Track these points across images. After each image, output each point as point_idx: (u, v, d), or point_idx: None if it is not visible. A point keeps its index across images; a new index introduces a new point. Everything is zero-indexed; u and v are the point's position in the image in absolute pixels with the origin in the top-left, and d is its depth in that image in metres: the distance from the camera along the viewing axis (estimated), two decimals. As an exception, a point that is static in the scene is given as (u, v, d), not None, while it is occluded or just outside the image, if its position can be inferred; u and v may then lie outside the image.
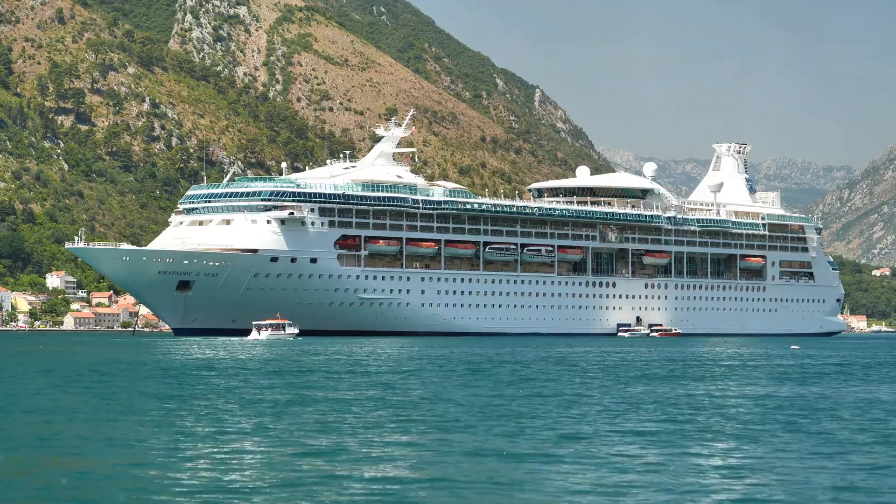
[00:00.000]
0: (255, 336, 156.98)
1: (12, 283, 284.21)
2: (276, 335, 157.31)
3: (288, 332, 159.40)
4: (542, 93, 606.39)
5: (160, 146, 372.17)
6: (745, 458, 35.77)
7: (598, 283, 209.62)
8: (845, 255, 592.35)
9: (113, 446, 36.66)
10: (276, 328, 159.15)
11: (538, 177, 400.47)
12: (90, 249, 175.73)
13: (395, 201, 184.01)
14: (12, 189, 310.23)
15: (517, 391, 61.38)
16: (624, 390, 63.34)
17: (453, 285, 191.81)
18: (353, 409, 50.38)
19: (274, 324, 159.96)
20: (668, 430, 42.68)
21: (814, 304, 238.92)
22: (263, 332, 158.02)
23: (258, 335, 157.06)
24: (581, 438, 39.77)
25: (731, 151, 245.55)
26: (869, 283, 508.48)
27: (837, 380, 76.58)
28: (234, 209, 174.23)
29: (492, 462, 33.93)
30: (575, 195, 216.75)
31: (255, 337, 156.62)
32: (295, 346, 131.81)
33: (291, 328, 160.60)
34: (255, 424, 43.51)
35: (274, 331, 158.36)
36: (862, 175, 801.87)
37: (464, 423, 43.86)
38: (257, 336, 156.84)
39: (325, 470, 32.18)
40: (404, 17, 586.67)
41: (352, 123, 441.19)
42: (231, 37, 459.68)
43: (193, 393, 58.31)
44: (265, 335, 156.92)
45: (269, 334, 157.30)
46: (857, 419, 48.02)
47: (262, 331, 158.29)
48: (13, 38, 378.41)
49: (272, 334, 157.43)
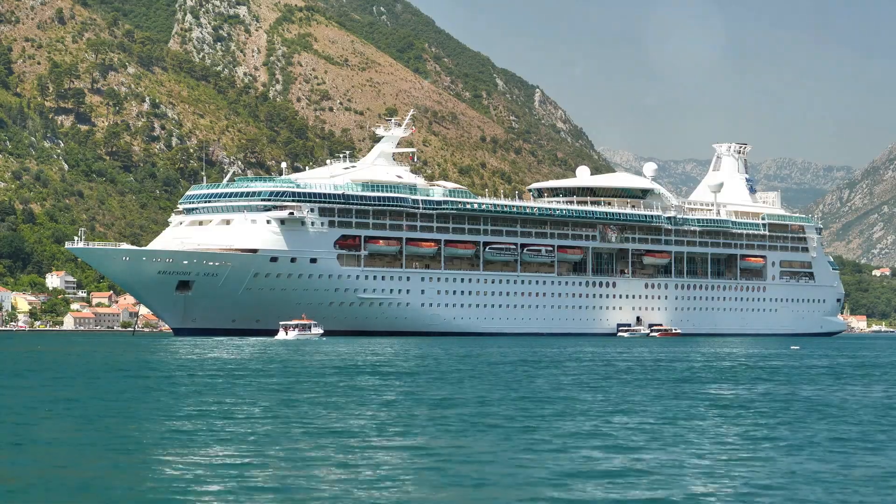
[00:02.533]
0: (283, 336, 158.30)
1: (12, 283, 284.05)
2: (303, 335, 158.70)
3: (314, 332, 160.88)
4: (542, 93, 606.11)
5: (160, 146, 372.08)
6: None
7: (598, 283, 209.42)
8: (845, 255, 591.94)
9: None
10: (303, 328, 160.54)
11: (538, 177, 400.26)
12: (90, 249, 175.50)
13: (395, 201, 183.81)
14: (12, 189, 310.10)
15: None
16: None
17: (453, 285, 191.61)
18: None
19: (300, 324, 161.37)
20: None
21: (814, 304, 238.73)
22: (291, 332, 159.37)
23: (286, 335, 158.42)
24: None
25: (731, 151, 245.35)
26: (869, 283, 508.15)
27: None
28: (234, 209, 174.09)
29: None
30: (575, 195, 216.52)
31: (282, 337, 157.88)
32: (346, 345, 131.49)
33: (317, 328, 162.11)
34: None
35: (301, 331, 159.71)
36: (862, 175, 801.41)
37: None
38: (285, 336, 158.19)
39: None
40: (404, 17, 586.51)
41: (352, 123, 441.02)
42: (231, 37, 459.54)
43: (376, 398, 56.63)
44: (292, 335, 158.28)
45: (296, 334, 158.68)
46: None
47: (289, 331, 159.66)
48: (13, 38, 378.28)
49: (299, 334, 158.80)
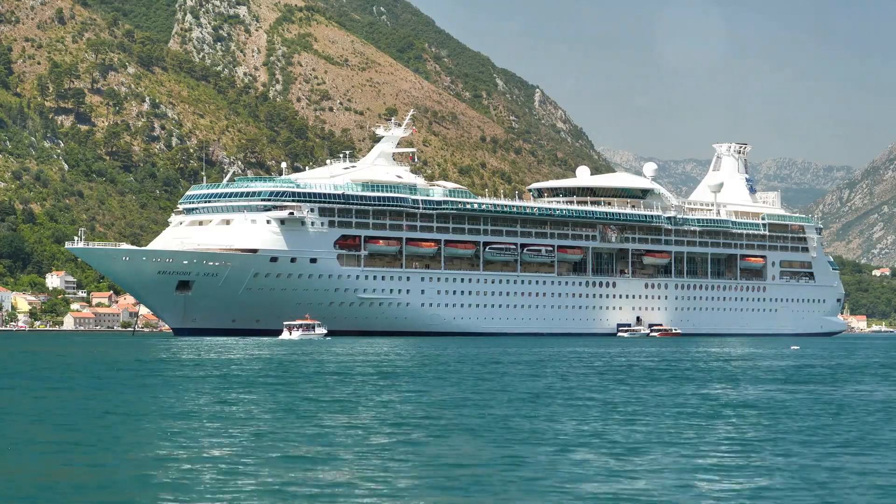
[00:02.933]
0: (287, 336, 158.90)
1: (12, 283, 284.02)
2: (307, 335, 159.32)
3: (317, 331, 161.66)
4: (542, 93, 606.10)
5: (160, 146, 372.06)
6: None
7: (598, 283, 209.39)
8: (845, 255, 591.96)
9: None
10: (307, 328, 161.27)
11: (538, 177, 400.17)
12: (90, 249, 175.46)
13: (395, 201, 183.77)
14: (12, 189, 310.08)
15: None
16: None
17: (453, 285, 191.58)
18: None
19: (304, 324, 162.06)
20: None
21: (814, 304, 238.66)
22: (295, 331, 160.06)
23: (290, 335, 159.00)
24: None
25: (731, 151, 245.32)
26: (869, 283, 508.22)
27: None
28: (234, 209, 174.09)
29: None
30: (575, 195, 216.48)
31: (286, 336, 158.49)
32: (360, 346, 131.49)
33: (320, 328, 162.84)
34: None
35: (304, 331, 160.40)
36: (862, 175, 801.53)
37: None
38: (289, 336, 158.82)
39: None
40: (404, 17, 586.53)
41: (352, 123, 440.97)
42: (231, 37, 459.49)
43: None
44: (297, 335, 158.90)
45: (300, 334, 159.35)
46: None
47: (293, 331, 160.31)
48: (13, 38, 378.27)
49: (303, 334, 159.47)
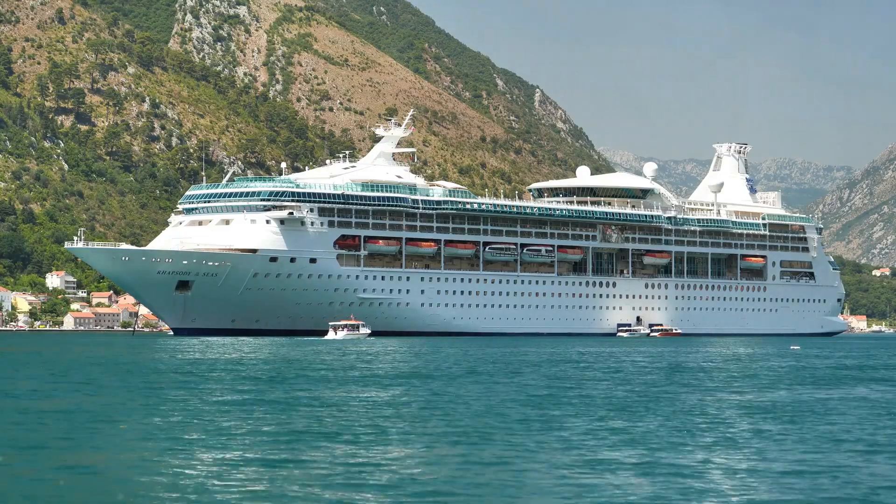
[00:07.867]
0: (333, 336, 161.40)
1: (12, 283, 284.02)
2: (353, 335, 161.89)
3: (362, 332, 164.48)
4: (542, 93, 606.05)
5: (160, 146, 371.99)
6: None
7: (598, 283, 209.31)
8: (845, 255, 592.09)
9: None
10: (352, 328, 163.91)
11: (538, 177, 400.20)
12: (90, 249, 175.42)
13: (395, 201, 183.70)
14: (12, 189, 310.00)
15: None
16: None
17: (453, 285, 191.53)
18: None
19: (349, 324, 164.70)
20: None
21: (814, 304, 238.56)
22: (340, 332, 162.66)
23: (335, 335, 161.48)
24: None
25: (731, 151, 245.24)
26: (869, 283, 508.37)
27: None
28: (234, 209, 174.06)
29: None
30: (575, 195, 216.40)
31: (332, 336, 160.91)
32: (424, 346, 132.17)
33: (364, 328, 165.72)
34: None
35: (350, 331, 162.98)
36: (862, 175, 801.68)
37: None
38: (334, 336, 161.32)
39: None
40: (404, 17, 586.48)
41: (352, 123, 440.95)
42: (231, 37, 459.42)
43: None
44: (342, 335, 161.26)
45: (345, 334, 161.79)
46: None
47: (338, 331, 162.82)
48: (13, 38, 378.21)
49: (348, 334, 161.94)
